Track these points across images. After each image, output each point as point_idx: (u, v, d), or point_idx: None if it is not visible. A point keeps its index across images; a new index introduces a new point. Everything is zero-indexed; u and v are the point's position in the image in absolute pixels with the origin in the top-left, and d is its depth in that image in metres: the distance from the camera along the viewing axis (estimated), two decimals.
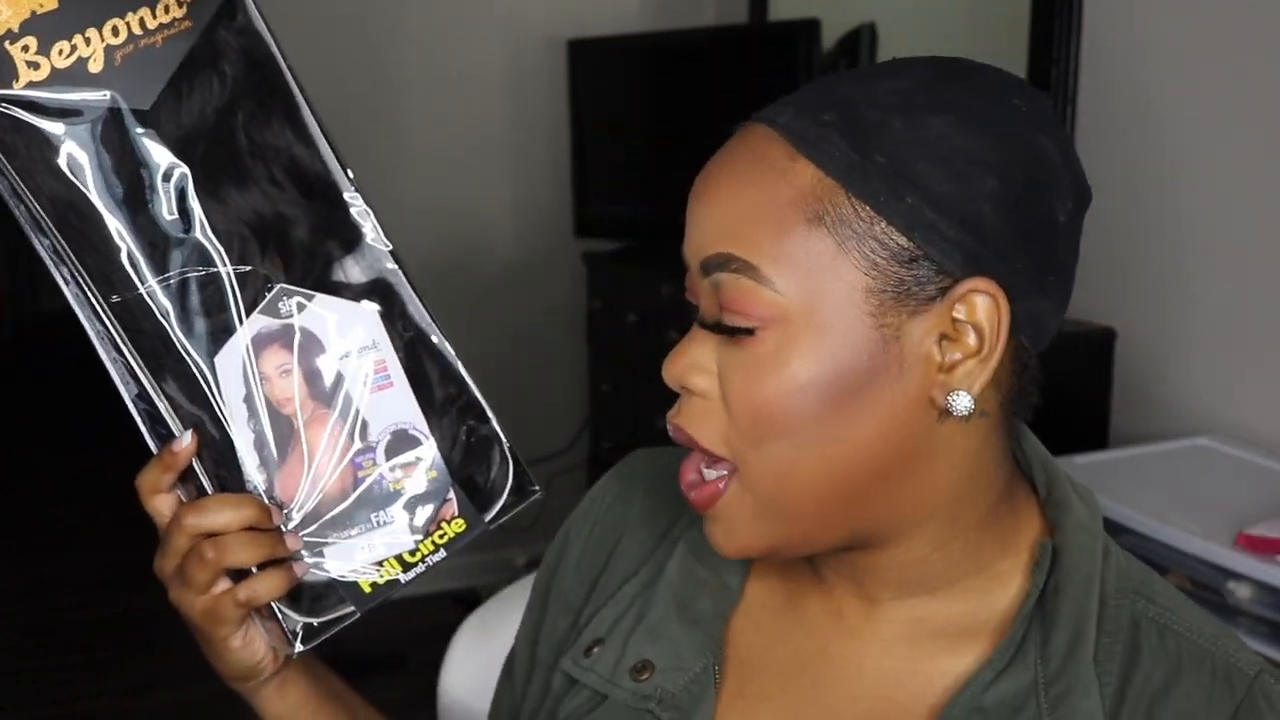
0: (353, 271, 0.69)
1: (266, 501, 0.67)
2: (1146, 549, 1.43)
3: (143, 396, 0.67)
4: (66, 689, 2.73)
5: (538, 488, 0.72)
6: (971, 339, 0.59)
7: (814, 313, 0.58)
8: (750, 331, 0.59)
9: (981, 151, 0.57)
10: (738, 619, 0.71)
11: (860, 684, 0.66)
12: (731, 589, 0.71)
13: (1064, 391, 2.34)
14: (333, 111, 2.86)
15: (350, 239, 0.69)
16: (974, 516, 0.63)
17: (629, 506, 0.78)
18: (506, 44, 3.16)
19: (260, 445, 0.67)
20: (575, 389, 3.29)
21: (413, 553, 0.69)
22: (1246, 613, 1.57)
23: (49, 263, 0.66)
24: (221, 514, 0.66)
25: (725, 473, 0.63)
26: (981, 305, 0.58)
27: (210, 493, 0.67)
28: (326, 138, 0.69)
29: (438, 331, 0.71)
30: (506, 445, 0.72)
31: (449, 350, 0.71)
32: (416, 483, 0.69)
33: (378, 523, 0.69)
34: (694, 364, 0.62)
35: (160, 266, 0.65)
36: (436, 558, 0.70)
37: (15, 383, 5.65)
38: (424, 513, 0.69)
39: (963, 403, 0.59)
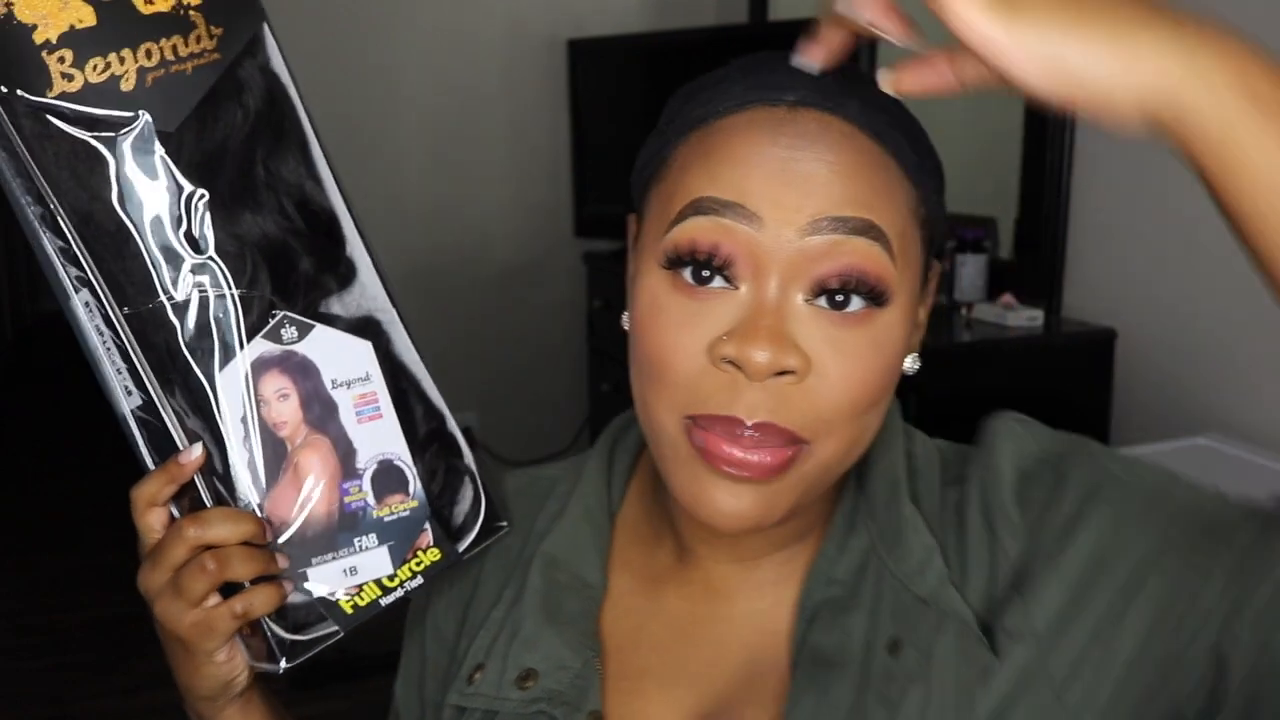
0: (347, 306, 0.72)
1: (260, 519, 0.69)
2: None
3: (145, 408, 0.68)
4: (66, 689, 2.74)
5: (505, 523, 0.76)
6: (926, 306, 0.67)
7: (910, 293, 0.63)
8: (878, 303, 0.61)
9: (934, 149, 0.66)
10: (607, 612, 0.74)
11: (732, 629, 0.70)
12: (594, 586, 0.74)
13: (1064, 391, 2.35)
14: (333, 111, 2.87)
15: (347, 275, 0.72)
16: None
17: None
18: (506, 44, 3.16)
19: (254, 465, 0.69)
20: (575, 389, 3.29)
21: (391, 578, 0.72)
22: None
23: (56, 262, 0.68)
24: (223, 527, 0.67)
25: (790, 448, 0.61)
26: (935, 278, 0.68)
27: (209, 506, 0.68)
28: (335, 177, 0.72)
29: (424, 370, 0.75)
30: (480, 482, 0.76)
31: (434, 389, 0.75)
32: (398, 512, 0.73)
33: (360, 547, 0.72)
34: (792, 343, 0.59)
35: (173, 282, 0.67)
36: (414, 584, 0.73)
37: (15, 383, 5.65)
38: (403, 541, 0.73)
39: (914, 363, 0.66)
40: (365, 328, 0.72)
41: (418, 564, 0.73)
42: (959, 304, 2.31)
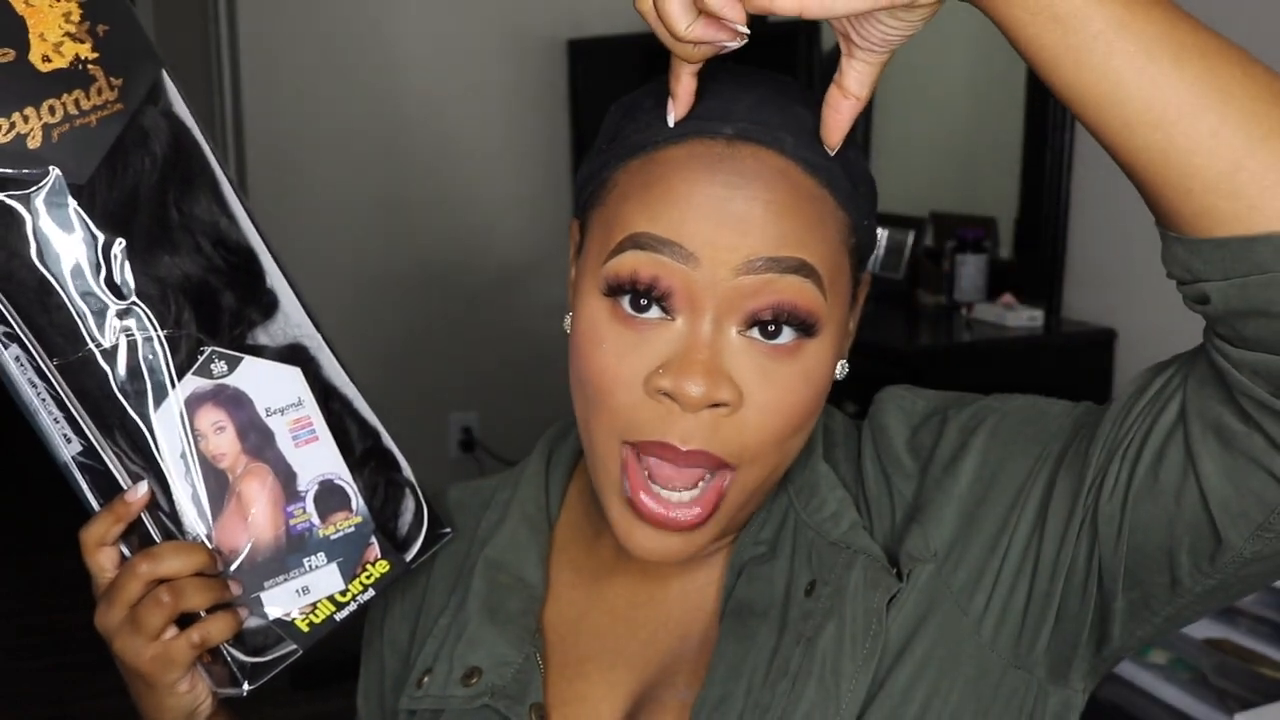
0: (273, 336, 0.75)
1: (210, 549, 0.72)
2: None
3: (86, 453, 0.71)
4: (66, 689, 2.74)
5: (449, 530, 0.79)
6: (854, 317, 0.71)
7: (838, 321, 0.66)
8: (809, 334, 0.64)
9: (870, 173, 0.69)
10: (550, 607, 0.77)
11: (668, 609, 0.74)
12: (534, 585, 0.77)
13: (1064, 391, 2.34)
14: (333, 112, 2.85)
15: (269, 306, 0.75)
16: None
17: None
18: (506, 44, 3.16)
19: (198, 498, 0.72)
20: None
21: (344, 593, 0.75)
22: (1247, 613, 1.57)
23: None
24: (175, 560, 0.69)
25: (715, 480, 0.65)
26: (864, 289, 0.71)
27: (159, 541, 0.71)
28: (247, 211, 0.74)
29: (354, 389, 0.77)
30: (420, 492, 0.79)
31: (366, 407, 0.78)
32: (343, 529, 0.75)
33: (310, 566, 0.74)
34: (726, 376, 0.63)
35: (99, 330, 0.69)
36: (366, 596, 0.76)
37: None
38: (351, 556, 0.75)
39: (843, 369, 0.70)
40: (293, 355, 0.75)
41: (368, 577, 0.76)
42: (959, 304, 2.31)
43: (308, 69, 2.99)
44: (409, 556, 0.77)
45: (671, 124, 0.64)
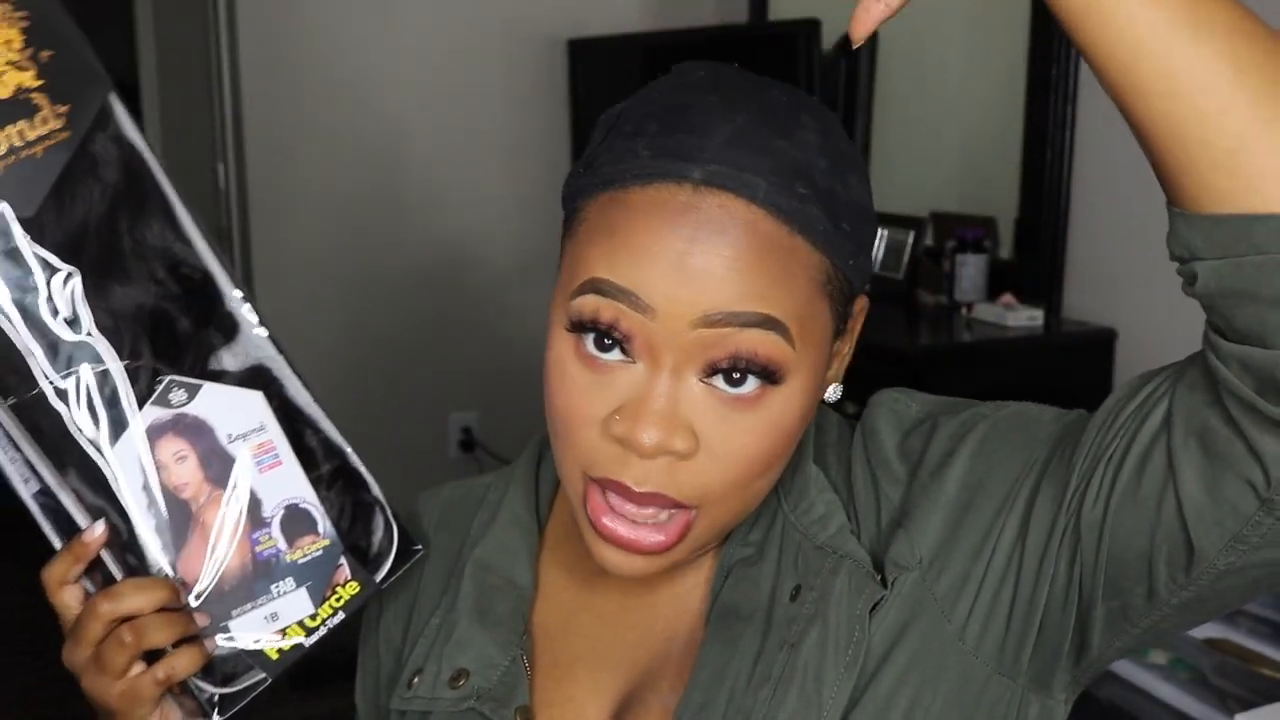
0: (236, 358, 0.73)
1: (173, 582, 0.71)
2: None
3: (45, 492, 0.71)
4: (67, 689, 2.73)
5: (420, 546, 0.78)
6: (851, 341, 0.71)
7: (812, 365, 0.65)
8: (772, 382, 0.63)
9: (869, 198, 0.67)
10: (539, 607, 0.77)
11: (656, 613, 0.74)
12: (524, 587, 0.77)
13: (1064, 391, 2.34)
14: (333, 112, 2.85)
15: (230, 329, 0.73)
16: None
17: (423, 543, 0.83)
18: (506, 44, 3.16)
19: (161, 530, 0.71)
20: None
21: (313, 617, 0.74)
22: (1246, 613, 1.57)
23: None
24: (136, 598, 0.69)
25: (678, 515, 0.65)
26: (861, 314, 0.70)
27: (120, 579, 0.70)
28: (203, 234, 0.73)
29: (319, 410, 0.76)
30: (389, 511, 0.77)
31: (331, 427, 0.76)
32: (311, 553, 0.74)
33: (278, 593, 0.73)
34: (681, 425, 0.62)
35: (54, 365, 0.68)
36: (335, 620, 0.75)
37: None
38: (320, 580, 0.74)
39: (836, 392, 0.71)
40: (256, 377, 0.74)
41: (338, 600, 0.75)
42: (959, 304, 2.31)
43: (308, 69, 2.99)
44: (379, 576, 0.76)
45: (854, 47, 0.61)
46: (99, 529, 0.69)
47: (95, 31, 0.70)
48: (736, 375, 0.62)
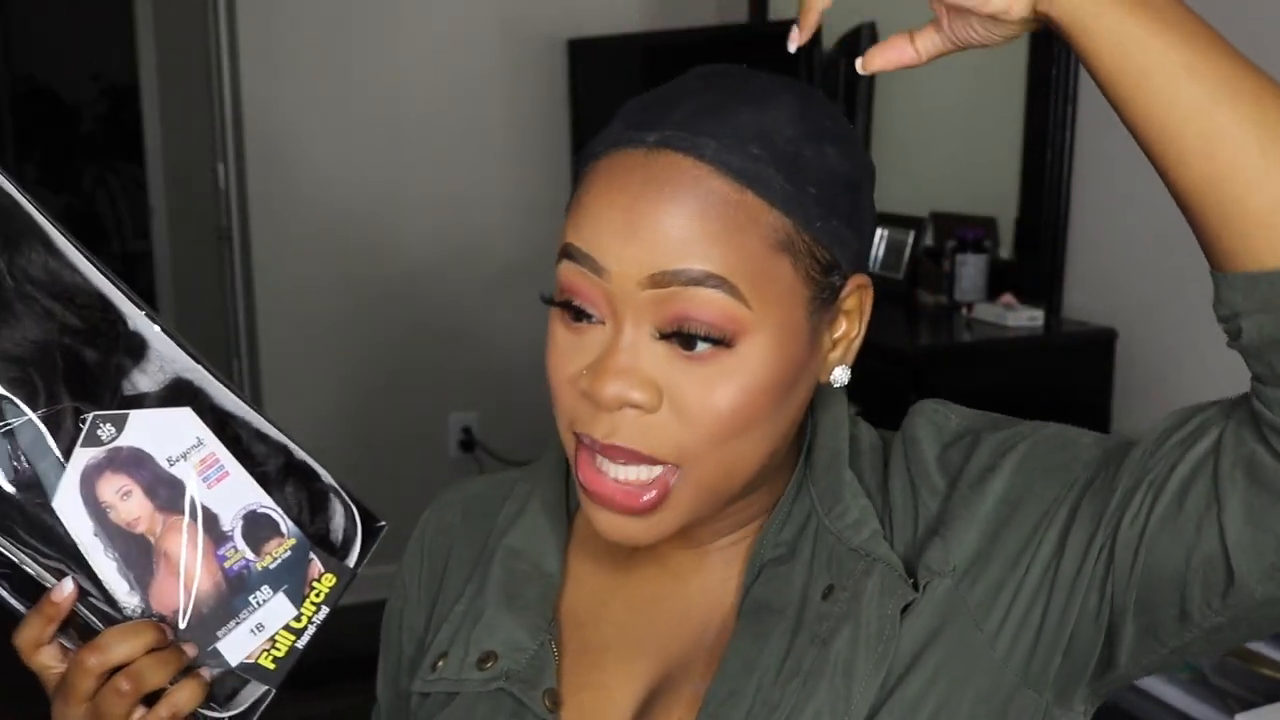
0: (153, 378, 0.71)
1: (154, 620, 0.70)
2: None
3: (1, 561, 0.68)
4: None
5: (383, 522, 0.77)
6: (853, 323, 0.71)
7: (777, 326, 0.65)
8: (724, 344, 0.64)
9: (856, 171, 0.68)
10: (566, 596, 0.78)
11: (688, 604, 0.75)
12: (552, 574, 0.78)
13: (1064, 391, 2.35)
14: (333, 112, 2.84)
15: (138, 348, 0.71)
16: (790, 448, 0.74)
17: (449, 533, 0.85)
18: (506, 44, 3.16)
19: (124, 571, 0.69)
20: None
21: (298, 619, 0.74)
22: None
23: None
24: (123, 646, 0.67)
25: (659, 472, 0.66)
26: (861, 294, 0.71)
27: (98, 628, 0.69)
28: (88, 258, 0.70)
29: (250, 410, 0.74)
30: (344, 493, 0.76)
31: (267, 425, 0.74)
32: (280, 555, 0.73)
33: (257, 603, 0.73)
34: (641, 379, 0.64)
35: None
36: (321, 615, 0.74)
37: None
38: (296, 580, 0.74)
39: (844, 375, 0.71)
40: (179, 392, 0.72)
41: (317, 595, 0.74)
42: (959, 304, 2.31)
43: (308, 69, 2.99)
44: (351, 561, 0.75)
45: (791, 49, 0.66)
46: (68, 587, 0.67)
47: (96, 33, 0.69)
48: (686, 337, 0.64)
